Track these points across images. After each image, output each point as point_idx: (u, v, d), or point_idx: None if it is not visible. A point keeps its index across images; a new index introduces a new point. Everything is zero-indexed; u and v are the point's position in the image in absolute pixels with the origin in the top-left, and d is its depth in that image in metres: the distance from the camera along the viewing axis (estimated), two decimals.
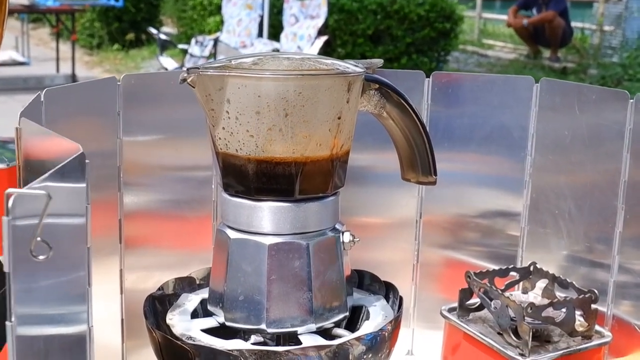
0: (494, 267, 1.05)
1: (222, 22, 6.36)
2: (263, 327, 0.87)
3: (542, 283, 1.04)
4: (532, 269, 1.05)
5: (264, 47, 5.85)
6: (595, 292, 0.95)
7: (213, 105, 0.84)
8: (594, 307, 0.96)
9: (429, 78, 1.11)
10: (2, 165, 0.94)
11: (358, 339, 0.85)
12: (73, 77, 6.51)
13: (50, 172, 0.52)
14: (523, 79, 1.11)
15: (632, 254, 1.01)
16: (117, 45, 8.29)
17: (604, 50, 7.25)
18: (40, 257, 0.50)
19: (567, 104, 1.06)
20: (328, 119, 0.85)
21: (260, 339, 0.90)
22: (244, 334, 0.90)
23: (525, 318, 0.91)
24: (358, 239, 0.92)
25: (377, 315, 0.94)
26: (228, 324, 0.89)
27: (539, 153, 1.11)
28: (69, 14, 6.88)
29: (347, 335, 0.89)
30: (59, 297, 0.56)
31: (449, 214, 1.16)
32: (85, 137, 0.96)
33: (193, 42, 5.99)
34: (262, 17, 6.10)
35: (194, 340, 0.87)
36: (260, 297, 0.87)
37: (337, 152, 0.88)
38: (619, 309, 1.03)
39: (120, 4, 7.27)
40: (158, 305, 0.95)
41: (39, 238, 0.49)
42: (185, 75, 0.83)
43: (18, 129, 0.72)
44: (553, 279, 1.02)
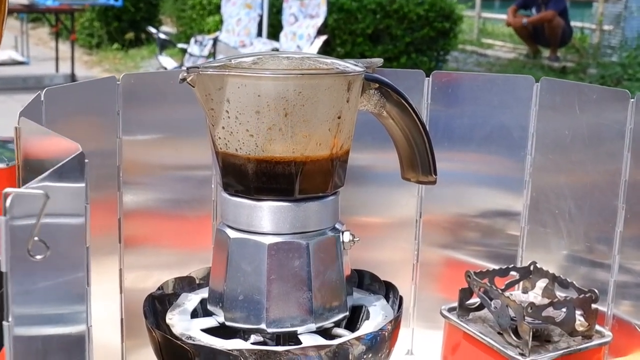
0: (494, 266, 1.05)
1: (221, 21, 6.36)
2: (263, 326, 0.87)
3: (542, 283, 1.04)
4: (532, 269, 1.05)
5: (263, 46, 5.84)
6: (596, 291, 0.95)
7: (213, 105, 0.84)
8: (594, 306, 0.96)
9: (429, 77, 1.11)
10: (1, 165, 0.93)
11: (358, 339, 0.85)
12: (72, 76, 6.50)
13: (49, 171, 0.52)
14: (523, 79, 1.11)
15: (632, 254, 1.01)
16: (116, 45, 8.28)
17: (604, 50, 7.25)
18: (38, 256, 0.49)
19: (567, 104, 1.06)
20: (328, 119, 0.85)
21: (260, 339, 0.90)
22: (244, 334, 0.90)
23: (526, 318, 0.91)
24: (358, 239, 0.92)
25: (377, 315, 0.94)
26: (228, 324, 0.89)
27: (539, 153, 1.10)
28: (69, 14, 6.88)
29: (347, 335, 0.89)
30: (58, 297, 0.56)
31: (449, 214, 1.16)
32: (85, 136, 0.96)
33: (192, 41, 5.99)
34: (261, 16, 6.10)
35: (194, 340, 0.87)
36: (260, 296, 0.87)
37: (337, 151, 0.88)
38: (619, 309, 1.03)
39: (120, 4, 7.26)
40: (158, 305, 0.95)
41: (37, 238, 0.49)
42: (185, 75, 0.82)
43: (17, 129, 0.71)
44: (553, 279, 1.02)
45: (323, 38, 5.77)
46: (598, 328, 0.97)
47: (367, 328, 0.91)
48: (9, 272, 0.47)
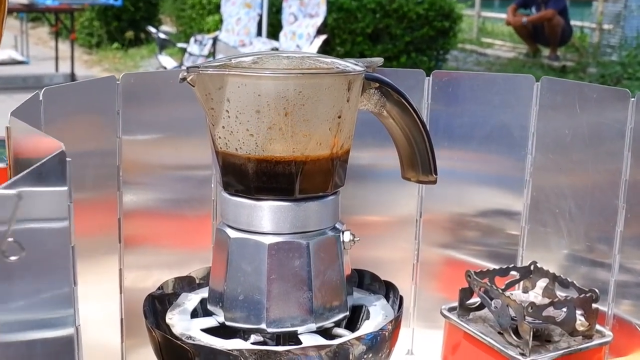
0: (495, 266, 1.05)
1: (221, 21, 6.36)
2: (263, 326, 0.87)
3: (542, 282, 1.04)
4: (532, 268, 1.05)
5: (263, 45, 5.84)
6: (596, 291, 0.95)
7: (213, 104, 0.84)
8: (595, 306, 0.95)
9: (429, 77, 1.11)
10: (1, 165, 0.93)
11: (358, 339, 0.85)
12: (72, 76, 6.50)
13: (26, 171, 0.51)
14: (524, 78, 1.11)
15: (633, 254, 1.01)
16: (116, 44, 8.28)
17: (603, 49, 7.25)
18: (12, 257, 0.49)
19: (567, 103, 1.06)
20: (328, 118, 0.84)
21: (260, 339, 0.90)
22: (244, 334, 0.90)
23: (526, 317, 0.91)
24: (358, 238, 0.92)
25: (377, 315, 0.94)
26: (228, 324, 0.89)
27: (540, 152, 1.10)
28: (68, 13, 6.88)
29: (347, 335, 0.89)
30: (41, 299, 0.54)
31: (449, 213, 1.15)
32: (85, 136, 0.97)
33: (192, 41, 5.99)
34: (261, 15, 6.11)
35: (194, 340, 0.87)
36: (260, 296, 0.87)
37: (337, 151, 0.87)
38: (620, 309, 1.03)
39: (119, 3, 7.26)
40: (158, 305, 0.95)
41: (11, 239, 0.48)
42: (185, 74, 0.82)
43: (8, 128, 0.71)
44: (554, 278, 1.02)
45: (323, 37, 5.77)
46: (598, 328, 0.97)
47: (367, 328, 0.90)
48: None
